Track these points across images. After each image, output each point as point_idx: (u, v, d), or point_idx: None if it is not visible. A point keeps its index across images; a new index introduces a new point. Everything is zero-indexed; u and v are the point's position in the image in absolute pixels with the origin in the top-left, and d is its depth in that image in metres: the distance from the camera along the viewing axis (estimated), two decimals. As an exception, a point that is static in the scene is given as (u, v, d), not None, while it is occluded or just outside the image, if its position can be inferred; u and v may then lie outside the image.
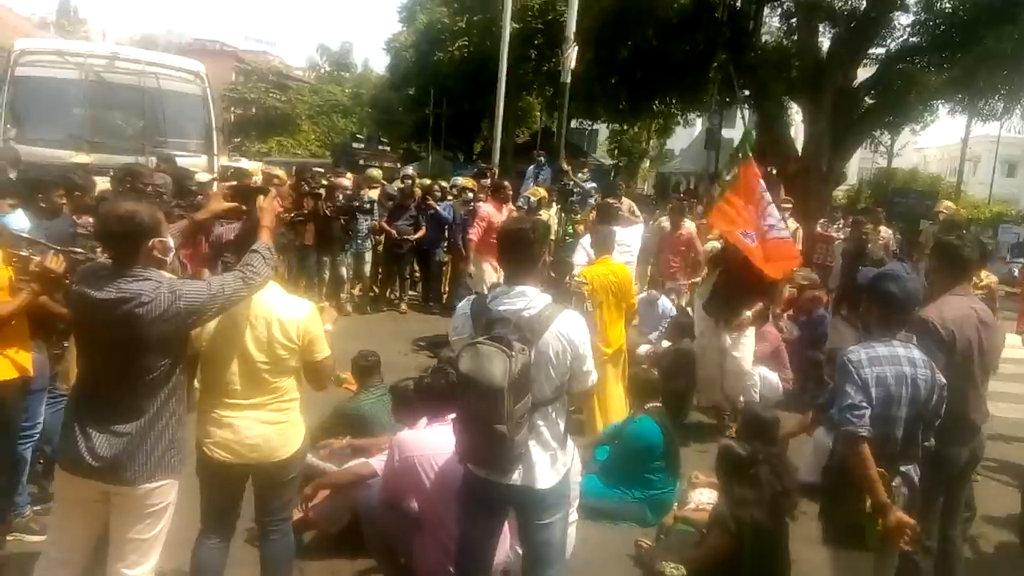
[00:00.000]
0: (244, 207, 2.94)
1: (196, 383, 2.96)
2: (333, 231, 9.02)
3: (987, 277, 4.63)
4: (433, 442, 3.19)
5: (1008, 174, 42.23)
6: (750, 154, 6.53)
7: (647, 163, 38.08)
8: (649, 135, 32.63)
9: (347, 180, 9.93)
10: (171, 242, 2.61)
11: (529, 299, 2.63)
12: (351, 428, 4.35)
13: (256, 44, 51.93)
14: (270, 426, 2.78)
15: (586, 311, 5.44)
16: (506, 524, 2.95)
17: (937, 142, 47.83)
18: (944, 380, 2.83)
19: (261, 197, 2.87)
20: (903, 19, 18.01)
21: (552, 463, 2.68)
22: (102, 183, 5.62)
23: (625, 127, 30.77)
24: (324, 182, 9.58)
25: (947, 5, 17.19)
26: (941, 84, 16.33)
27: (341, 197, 9.19)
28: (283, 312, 2.76)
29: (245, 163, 24.00)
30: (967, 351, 3.11)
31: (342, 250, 9.24)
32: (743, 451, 3.43)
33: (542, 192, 9.48)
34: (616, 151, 35.66)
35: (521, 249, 2.70)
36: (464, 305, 2.83)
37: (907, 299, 2.81)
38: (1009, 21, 13.84)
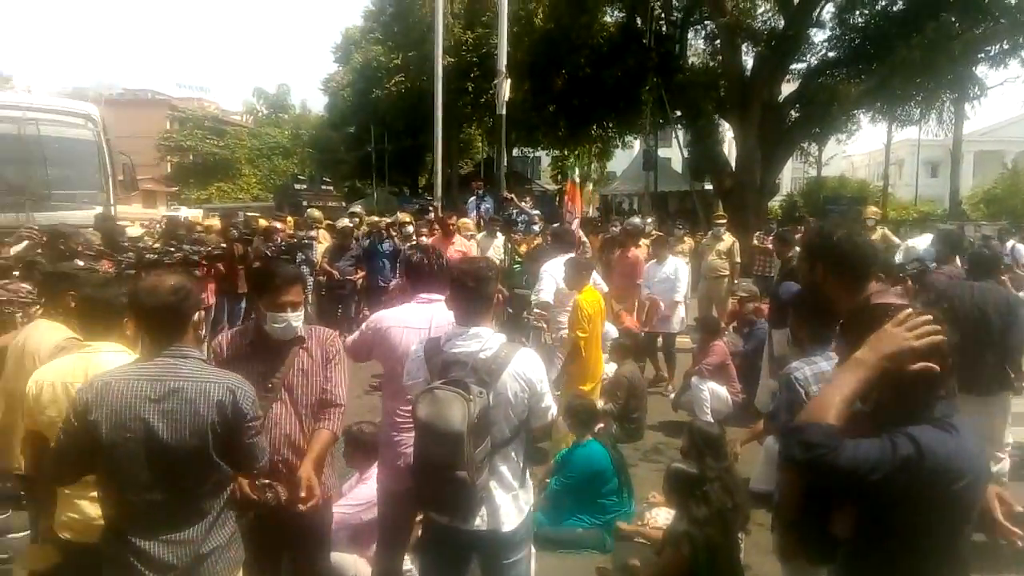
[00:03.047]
0: None
1: None
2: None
3: None
4: (405, 317, 3.20)
5: (932, 175, 44.23)
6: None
7: (591, 186, 38.70)
8: (590, 159, 33.20)
9: (281, 224, 9.80)
10: None
11: (484, 340, 2.58)
12: None
13: (189, 91, 51.24)
14: None
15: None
16: None
17: (863, 148, 49.98)
18: None
19: None
20: (820, 35, 18.91)
21: (515, 503, 2.66)
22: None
23: (566, 152, 31.28)
24: (264, 224, 9.44)
25: (860, 20, 18.07)
26: (860, 94, 17.10)
27: (279, 239, 9.06)
28: None
29: (185, 211, 23.64)
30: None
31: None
32: (691, 470, 3.46)
33: (470, 224, 9.57)
34: (559, 177, 36.14)
35: (476, 290, 2.63)
36: (417, 348, 2.76)
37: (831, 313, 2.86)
38: (917, 30, 14.62)
